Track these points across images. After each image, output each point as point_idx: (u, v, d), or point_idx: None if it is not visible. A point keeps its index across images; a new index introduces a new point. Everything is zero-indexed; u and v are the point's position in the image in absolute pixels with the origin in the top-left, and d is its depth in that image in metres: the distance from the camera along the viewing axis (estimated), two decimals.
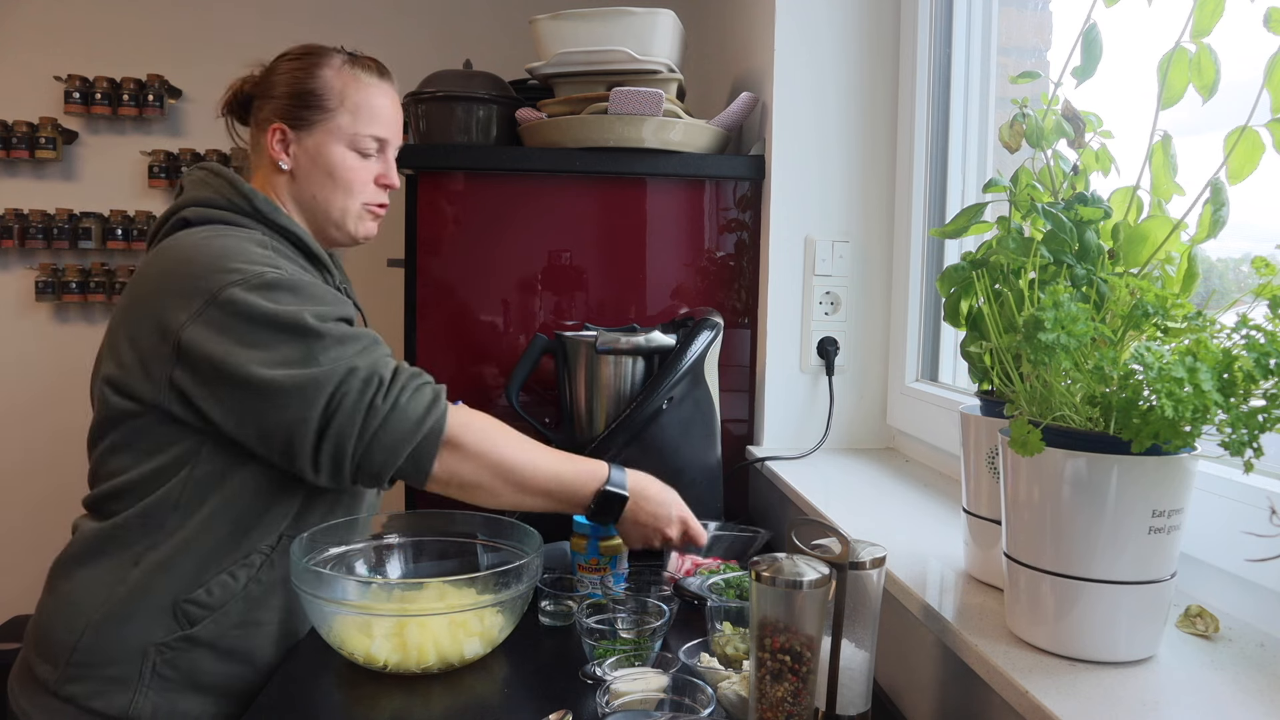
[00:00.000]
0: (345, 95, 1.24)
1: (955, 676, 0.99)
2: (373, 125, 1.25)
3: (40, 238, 2.81)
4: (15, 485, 2.90)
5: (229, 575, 1.12)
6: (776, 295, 1.68)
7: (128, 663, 1.09)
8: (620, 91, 1.59)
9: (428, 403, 1.09)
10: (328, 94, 1.23)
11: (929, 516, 1.24)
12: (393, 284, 1.91)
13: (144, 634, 1.10)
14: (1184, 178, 0.80)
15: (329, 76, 1.24)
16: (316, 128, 1.23)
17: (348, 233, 1.28)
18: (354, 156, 1.25)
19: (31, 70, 2.82)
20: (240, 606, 1.12)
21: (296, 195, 1.25)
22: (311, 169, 1.24)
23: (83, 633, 1.10)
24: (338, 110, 1.23)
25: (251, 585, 1.13)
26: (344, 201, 1.26)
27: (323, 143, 1.23)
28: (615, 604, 1.11)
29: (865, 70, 1.66)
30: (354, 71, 1.25)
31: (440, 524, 1.27)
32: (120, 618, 1.10)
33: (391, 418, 1.06)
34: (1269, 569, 0.78)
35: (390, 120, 1.28)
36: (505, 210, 1.68)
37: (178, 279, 1.10)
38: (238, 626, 1.13)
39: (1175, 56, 0.76)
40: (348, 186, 1.25)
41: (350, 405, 1.05)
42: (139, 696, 1.09)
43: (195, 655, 1.11)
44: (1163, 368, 0.66)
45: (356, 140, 1.24)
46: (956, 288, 0.94)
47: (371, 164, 1.27)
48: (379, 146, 1.27)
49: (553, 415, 1.68)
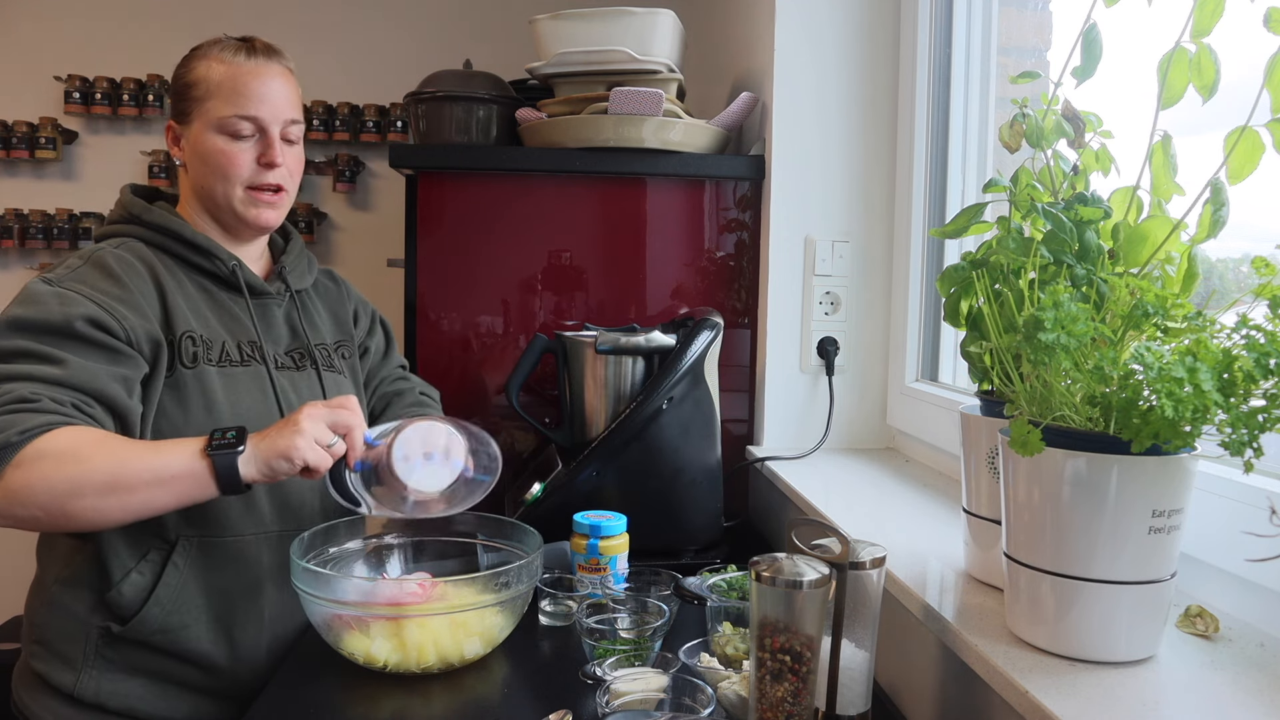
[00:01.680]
0: (211, 80, 1.22)
1: (955, 676, 0.99)
2: (241, 105, 1.21)
3: (40, 238, 2.81)
4: None
5: (136, 573, 1.14)
6: (776, 295, 1.68)
7: (73, 640, 1.15)
8: (620, 91, 1.59)
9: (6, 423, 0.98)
10: (198, 82, 1.22)
11: (929, 516, 1.24)
12: (393, 284, 1.91)
13: (83, 614, 1.15)
14: (1184, 178, 0.80)
15: (201, 66, 1.23)
16: (193, 118, 1.23)
17: (239, 218, 1.25)
18: (225, 139, 1.22)
19: (31, 70, 2.82)
20: (155, 612, 1.14)
21: (192, 188, 1.26)
22: (193, 159, 1.24)
23: (40, 609, 1.17)
24: (205, 97, 1.22)
25: (161, 588, 1.14)
26: (224, 187, 1.23)
27: (199, 131, 1.22)
28: (615, 604, 1.11)
29: (865, 70, 1.66)
30: (223, 55, 1.24)
31: (440, 524, 1.26)
32: (65, 595, 1.15)
33: None
34: (1269, 569, 0.78)
35: (262, 99, 1.22)
36: (505, 210, 1.68)
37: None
38: (160, 631, 1.15)
39: (1175, 56, 0.76)
40: (223, 171, 1.22)
41: None
42: (84, 675, 1.14)
43: (129, 648, 1.15)
44: (1163, 368, 0.66)
45: (225, 123, 1.21)
46: (956, 288, 0.94)
47: (248, 146, 1.23)
48: (254, 127, 1.22)
49: (553, 415, 1.68)
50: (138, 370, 1.11)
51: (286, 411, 1.21)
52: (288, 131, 1.25)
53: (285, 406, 1.22)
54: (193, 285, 1.22)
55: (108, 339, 1.09)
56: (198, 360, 1.17)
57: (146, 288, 1.16)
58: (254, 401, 1.20)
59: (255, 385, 1.21)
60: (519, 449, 1.72)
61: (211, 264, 1.24)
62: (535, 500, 1.42)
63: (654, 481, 1.43)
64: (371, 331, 1.47)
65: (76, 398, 1.04)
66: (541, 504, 1.41)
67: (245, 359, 1.22)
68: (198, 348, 1.17)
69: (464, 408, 1.67)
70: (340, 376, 1.35)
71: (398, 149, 1.67)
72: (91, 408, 1.05)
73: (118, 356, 1.09)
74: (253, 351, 1.23)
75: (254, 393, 1.20)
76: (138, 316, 1.12)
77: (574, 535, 1.28)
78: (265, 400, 1.21)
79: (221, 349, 1.20)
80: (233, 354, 1.21)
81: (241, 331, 1.24)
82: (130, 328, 1.10)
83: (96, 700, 1.14)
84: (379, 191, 2.92)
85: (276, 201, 1.26)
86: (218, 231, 1.27)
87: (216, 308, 1.23)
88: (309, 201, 2.86)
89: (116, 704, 1.15)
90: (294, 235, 1.40)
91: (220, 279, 1.25)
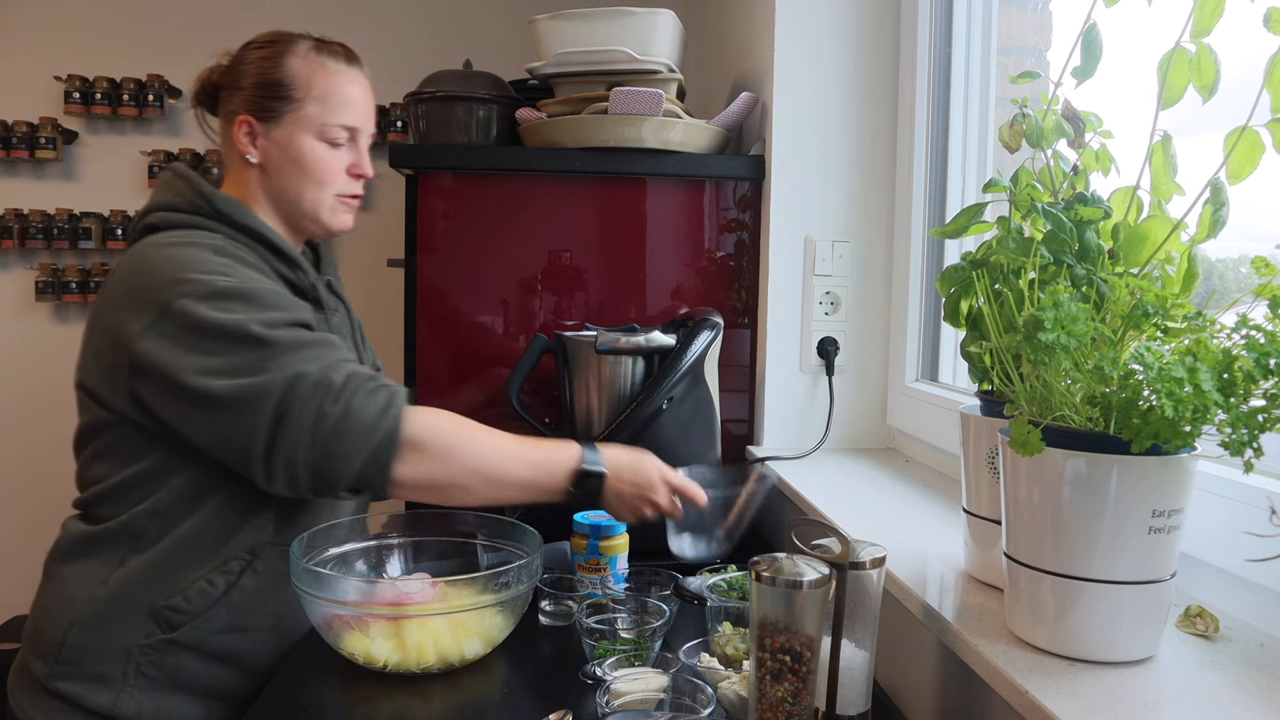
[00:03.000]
0: (312, 84, 1.19)
1: (955, 676, 0.99)
2: (342, 114, 1.21)
3: (40, 238, 2.81)
4: (15, 485, 2.90)
5: (206, 582, 1.11)
6: (776, 295, 1.68)
7: (112, 661, 1.10)
8: (620, 91, 1.59)
9: (381, 406, 1.04)
10: (294, 83, 1.19)
11: (929, 516, 1.24)
12: (393, 284, 1.91)
13: (126, 634, 1.10)
14: (1184, 178, 0.80)
15: (295, 65, 1.20)
16: (284, 119, 1.19)
17: (322, 225, 1.25)
18: (323, 147, 1.21)
19: (31, 70, 2.82)
20: (224, 613, 1.12)
21: (267, 189, 1.22)
22: (281, 161, 1.20)
23: (69, 630, 1.11)
24: (305, 100, 1.19)
25: (234, 592, 1.12)
26: (315, 194, 1.22)
27: (291, 134, 1.19)
28: (615, 604, 1.11)
29: (865, 70, 1.66)
30: (321, 58, 1.21)
31: (440, 524, 1.27)
32: (103, 616, 1.10)
33: (343, 423, 1.02)
34: (1269, 569, 0.78)
35: (360, 107, 1.24)
36: (505, 210, 1.68)
37: (135, 290, 1.09)
38: (222, 632, 1.12)
39: (1175, 56, 0.76)
40: (318, 178, 1.21)
41: (298, 412, 1.02)
42: (123, 695, 1.10)
43: (178, 658, 1.11)
44: (1163, 368, 0.66)
45: (325, 130, 1.20)
46: (956, 288, 0.94)
47: (342, 153, 1.23)
48: (349, 135, 1.23)
49: (553, 415, 1.68)
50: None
51: None
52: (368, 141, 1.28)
53: None
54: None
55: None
56: None
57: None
58: None
59: None
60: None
61: (295, 275, 1.21)
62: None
63: None
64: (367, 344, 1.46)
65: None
66: (541, 504, 1.41)
67: None
68: None
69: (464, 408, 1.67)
70: None
71: (398, 149, 1.67)
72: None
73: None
74: None
75: None
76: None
77: (574, 535, 1.28)
78: None
79: None
80: None
81: None
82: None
83: (138, 718, 1.10)
84: (379, 191, 2.92)
85: (355, 206, 1.28)
86: (286, 233, 1.25)
87: None
88: None
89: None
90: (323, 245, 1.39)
91: (299, 291, 1.22)
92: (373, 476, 1.05)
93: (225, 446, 1.05)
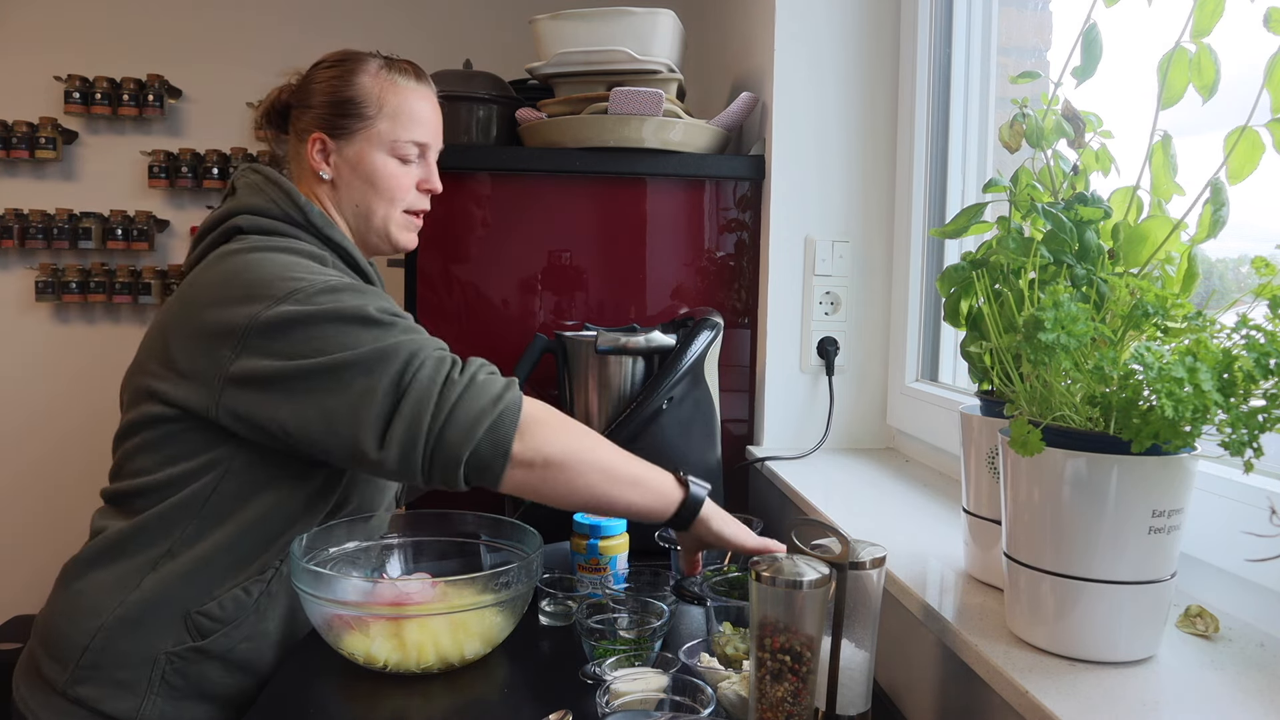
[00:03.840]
0: (384, 101, 1.22)
1: (955, 676, 0.99)
2: (412, 130, 1.24)
3: (40, 238, 2.81)
4: (15, 485, 2.90)
5: (243, 590, 1.11)
6: (776, 295, 1.68)
7: (137, 668, 1.09)
8: (620, 91, 1.59)
9: (502, 385, 1.05)
10: (366, 101, 1.21)
11: (929, 516, 1.24)
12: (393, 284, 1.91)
13: (154, 640, 1.09)
14: (1184, 178, 0.80)
15: (366, 83, 1.22)
16: (356, 136, 1.22)
17: (390, 241, 1.27)
18: (395, 163, 1.23)
19: (31, 70, 2.82)
20: (251, 620, 1.12)
21: (338, 204, 1.25)
22: (353, 177, 1.23)
23: (94, 635, 1.09)
24: (376, 117, 1.22)
25: (262, 599, 1.12)
26: (386, 209, 1.24)
27: (363, 151, 1.22)
28: (615, 604, 1.11)
29: (865, 70, 1.66)
30: (391, 76, 1.24)
31: (440, 524, 1.26)
32: (132, 623, 1.08)
33: (468, 393, 1.01)
34: (1269, 569, 0.78)
35: (430, 124, 1.27)
36: (505, 210, 1.68)
37: (238, 288, 1.07)
38: (247, 639, 1.12)
39: (1175, 56, 0.76)
40: (390, 194, 1.24)
41: (426, 378, 1.01)
42: (146, 703, 1.08)
43: (204, 666, 1.10)
44: (1163, 368, 0.66)
45: (397, 146, 1.23)
46: (956, 288, 0.94)
47: (413, 169, 1.26)
48: (420, 151, 1.26)
49: None
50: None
51: None
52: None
53: None
54: None
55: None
56: None
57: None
58: None
59: None
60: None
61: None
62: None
63: None
64: None
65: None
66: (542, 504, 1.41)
67: None
68: None
69: None
70: None
71: None
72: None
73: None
74: None
75: None
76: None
77: (574, 535, 1.28)
78: None
79: None
80: None
81: None
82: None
83: None
84: None
85: (420, 225, 1.30)
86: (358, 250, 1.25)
87: None
88: None
89: None
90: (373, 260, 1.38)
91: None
92: (490, 452, 1.01)
93: (336, 417, 1.01)
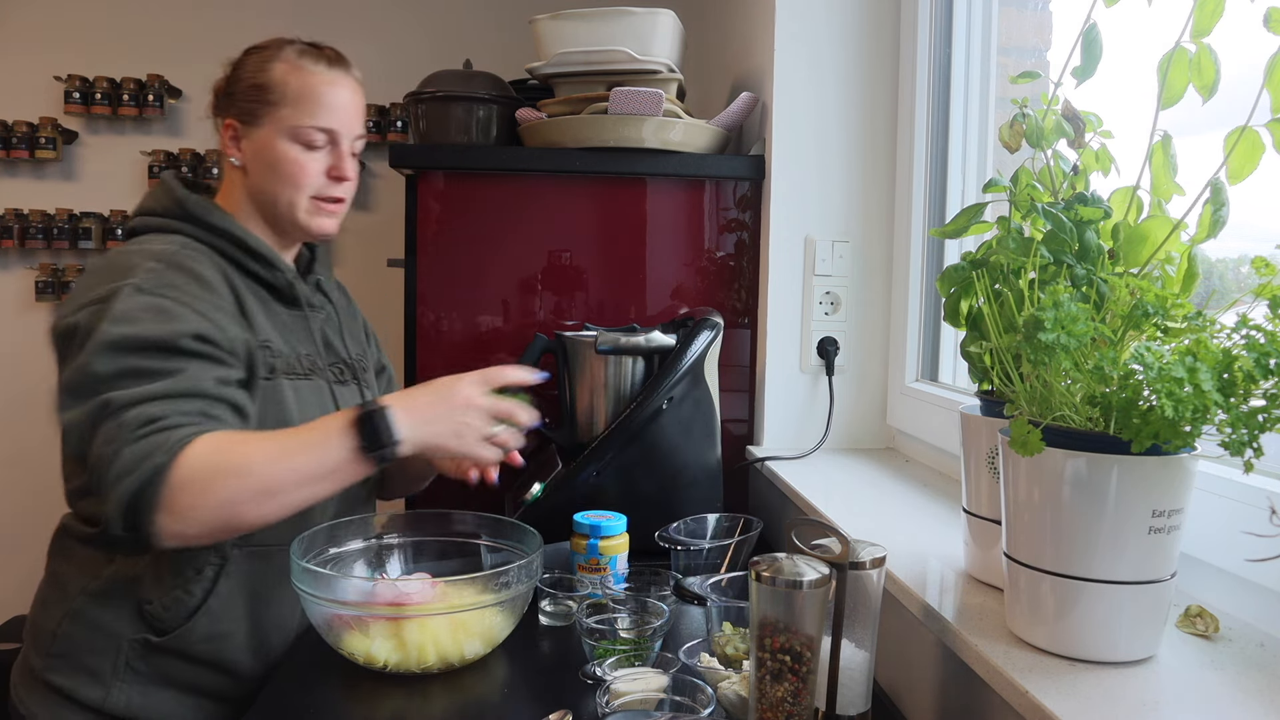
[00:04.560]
0: (288, 86, 1.20)
1: (955, 676, 0.99)
2: (316, 116, 1.20)
3: (40, 238, 2.81)
4: (15, 484, 2.91)
5: (183, 590, 1.12)
6: (776, 295, 1.68)
7: (102, 654, 1.12)
8: (620, 91, 1.59)
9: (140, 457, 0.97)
10: (272, 86, 1.20)
11: (929, 516, 1.24)
12: (393, 284, 1.91)
13: (117, 626, 1.12)
14: (1184, 178, 0.80)
15: (278, 70, 1.20)
16: (263, 121, 1.20)
17: (301, 227, 1.24)
18: (297, 149, 1.20)
19: (31, 70, 2.81)
20: (204, 622, 1.13)
21: (250, 191, 1.23)
22: (258, 164, 1.21)
23: (61, 621, 1.13)
24: (280, 103, 1.19)
25: (211, 600, 1.13)
26: (291, 196, 1.21)
27: (268, 136, 1.20)
28: (615, 604, 1.11)
29: (865, 70, 1.66)
30: (301, 61, 1.21)
31: (440, 524, 1.27)
32: (97, 608, 1.12)
33: (115, 466, 0.97)
34: (1269, 569, 0.78)
35: (339, 110, 1.22)
36: (505, 210, 1.68)
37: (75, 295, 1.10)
38: (205, 640, 1.13)
39: (1175, 56, 0.76)
40: (293, 180, 1.20)
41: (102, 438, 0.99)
42: (114, 690, 1.11)
43: (164, 659, 1.13)
44: (1163, 368, 0.66)
45: (299, 132, 1.20)
46: (956, 288, 0.94)
47: (320, 156, 1.22)
48: (328, 138, 1.22)
49: (553, 415, 1.68)
50: (239, 377, 1.10)
51: None
52: (354, 146, 1.25)
53: None
54: (250, 294, 1.20)
55: (215, 350, 1.07)
56: (275, 372, 1.16)
57: (229, 295, 1.15)
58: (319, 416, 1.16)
59: (317, 399, 1.21)
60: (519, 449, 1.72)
61: (271, 275, 1.22)
62: (535, 500, 1.42)
63: (654, 481, 1.43)
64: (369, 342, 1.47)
65: (199, 405, 1.03)
66: (541, 504, 1.41)
67: (307, 371, 1.22)
68: (274, 359, 1.17)
69: None
70: (371, 392, 1.35)
71: (398, 149, 1.67)
72: (216, 410, 1.05)
73: (226, 369, 1.08)
74: (312, 365, 1.23)
75: (318, 407, 1.20)
76: (235, 325, 1.12)
77: (574, 535, 1.28)
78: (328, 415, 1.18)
79: (288, 360, 1.19)
80: (296, 366, 1.20)
81: (299, 343, 1.23)
82: (231, 337, 1.10)
83: (128, 713, 1.11)
84: (379, 191, 2.92)
85: (337, 211, 1.26)
86: (269, 236, 1.25)
87: (273, 317, 1.22)
88: None
89: (148, 715, 1.12)
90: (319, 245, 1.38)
91: (275, 290, 1.23)
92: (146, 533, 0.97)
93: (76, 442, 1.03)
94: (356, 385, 1.31)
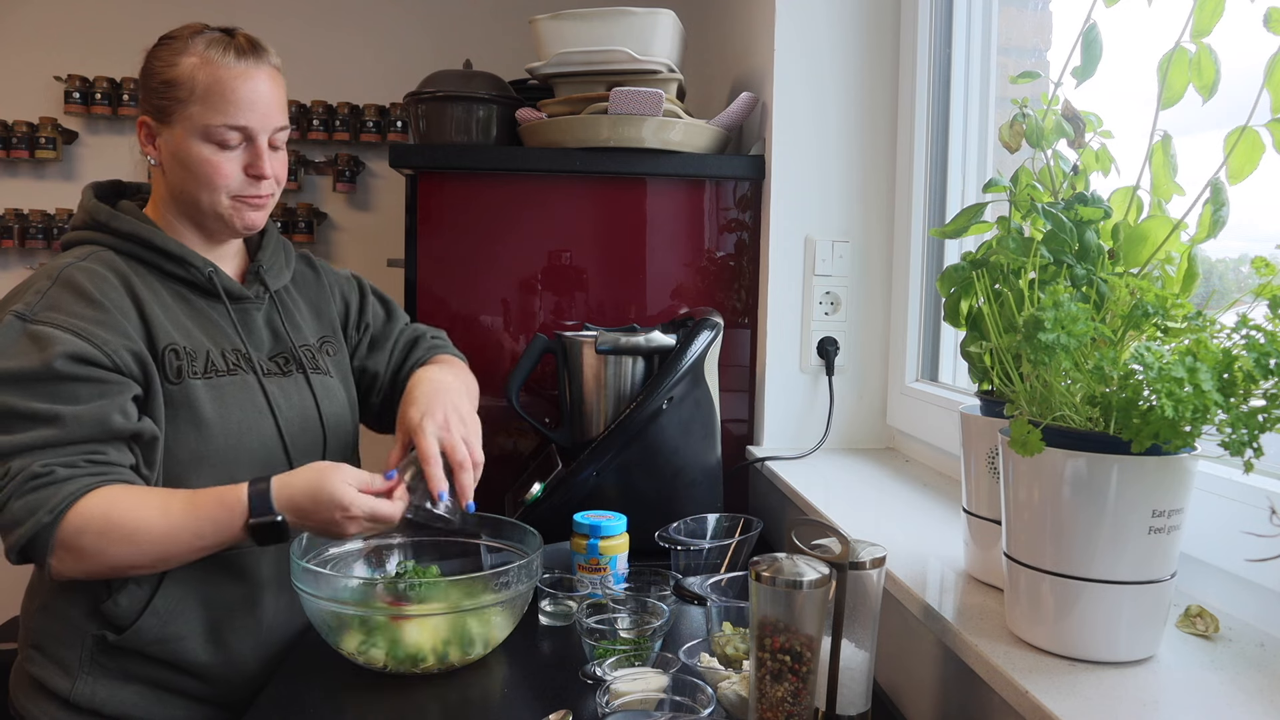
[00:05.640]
0: (196, 82, 1.12)
1: (955, 676, 0.99)
2: (228, 114, 1.12)
3: (40, 238, 2.81)
4: None
5: (135, 585, 1.11)
6: (776, 295, 1.68)
7: (70, 646, 1.13)
8: (620, 91, 1.59)
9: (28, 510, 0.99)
10: (180, 83, 1.12)
11: (929, 516, 1.24)
12: (393, 284, 1.91)
13: (80, 621, 1.13)
14: (1184, 178, 0.80)
15: (186, 64, 1.13)
16: (174, 120, 1.13)
17: (226, 225, 1.18)
18: (210, 148, 1.13)
19: (31, 70, 2.81)
20: (152, 622, 1.12)
21: (170, 189, 1.18)
22: (173, 163, 1.15)
23: (35, 613, 1.16)
24: (189, 100, 1.12)
25: (157, 601, 1.12)
26: (210, 197, 1.15)
27: (180, 135, 1.13)
28: (615, 604, 1.11)
29: (865, 70, 1.66)
30: (210, 54, 1.13)
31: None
32: (64, 600, 1.13)
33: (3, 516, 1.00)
34: (1269, 569, 0.78)
35: (253, 105, 1.14)
36: (505, 210, 1.68)
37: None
38: (157, 641, 1.13)
39: (1175, 56, 0.76)
40: (209, 182, 1.14)
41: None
42: (79, 682, 1.12)
43: (124, 656, 1.13)
44: (1163, 368, 0.66)
45: (211, 131, 1.12)
46: (956, 288, 0.94)
47: (236, 155, 1.15)
48: (242, 136, 1.14)
49: (553, 415, 1.68)
50: (129, 393, 1.07)
51: (281, 422, 1.18)
52: (274, 138, 1.18)
53: (279, 416, 1.18)
54: (169, 294, 1.16)
55: (94, 371, 1.04)
56: (182, 375, 1.12)
57: (124, 303, 1.10)
58: (245, 414, 1.16)
59: (245, 395, 1.17)
60: (519, 449, 1.72)
61: (187, 271, 1.17)
62: (535, 500, 1.42)
63: (654, 481, 1.43)
64: (365, 306, 1.41)
65: (84, 451, 1.03)
66: (541, 504, 1.41)
67: (231, 368, 1.17)
68: (181, 361, 1.12)
69: None
70: (328, 379, 1.29)
71: (398, 149, 1.67)
72: (103, 453, 1.04)
73: (108, 387, 1.05)
74: (239, 360, 1.19)
75: (244, 404, 1.16)
76: (120, 337, 1.07)
77: (574, 535, 1.28)
78: (257, 411, 1.17)
79: (206, 359, 1.15)
80: (218, 363, 1.16)
81: (225, 339, 1.19)
82: (113, 351, 1.06)
83: (92, 706, 1.12)
84: (379, 191, 2.92)
85: (263, 204, 1.20)
86: (195, 234, 1.21)
87: (196, 315, 1.18)
88: (309, 201, 2.86)
89: (112, 709, 1.13)
90: (269, 229, 1.32)
91: (197, 286, 1.19)
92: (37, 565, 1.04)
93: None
94: (302, 375, 1.25)
